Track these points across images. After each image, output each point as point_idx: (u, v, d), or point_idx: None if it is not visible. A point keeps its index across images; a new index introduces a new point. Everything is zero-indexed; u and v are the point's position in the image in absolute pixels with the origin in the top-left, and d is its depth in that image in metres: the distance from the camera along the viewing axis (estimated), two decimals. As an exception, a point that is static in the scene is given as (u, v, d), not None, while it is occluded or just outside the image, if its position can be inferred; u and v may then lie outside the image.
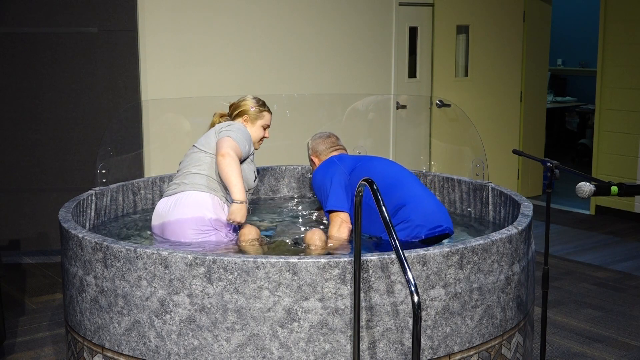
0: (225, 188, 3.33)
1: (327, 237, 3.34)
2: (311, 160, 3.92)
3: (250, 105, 3.62)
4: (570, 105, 10.09)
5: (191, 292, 2.64)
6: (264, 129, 3.64)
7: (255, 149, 3.64)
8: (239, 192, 3.25)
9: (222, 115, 3.68)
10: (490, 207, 3.84)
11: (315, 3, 6.33)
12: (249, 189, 3.49)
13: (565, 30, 10.47)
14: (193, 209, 3.27)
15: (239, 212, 3.25)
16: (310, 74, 6.38)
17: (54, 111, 5.51)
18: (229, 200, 3.33)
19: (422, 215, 3.30)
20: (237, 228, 3.38)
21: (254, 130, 3.60)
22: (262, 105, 3.64)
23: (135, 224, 3.75)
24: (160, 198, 3.51)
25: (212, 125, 3.64)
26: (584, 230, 6.48)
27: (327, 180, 3.54)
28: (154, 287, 2.69)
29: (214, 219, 3.29)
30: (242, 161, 3.41)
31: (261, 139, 3.66)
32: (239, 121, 3.60)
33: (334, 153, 3.80)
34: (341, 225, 3.38)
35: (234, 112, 3.64)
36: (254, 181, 3.53)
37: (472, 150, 4.13)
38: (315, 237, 3.26)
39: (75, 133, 5.55)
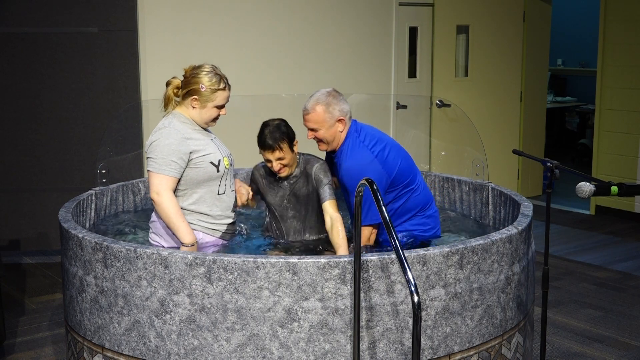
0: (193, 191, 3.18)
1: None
2: (338, 122, 3.29)
3: (201, 84, 3.12)
4: (570, 105, 10.09)
5: (191, 292, 2.64)
6: (219, 109, 3.18)
7: (211, 126, 3.26)
8: (184, 235, 3.06)
9: (177, 87, 3.21)
10: (490, 207, 3.84)
11: (315, 3, 6.33)
12: (218, 178, 3.17)
13: (565, 30, 10.47)
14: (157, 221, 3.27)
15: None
16: (310, 74, 6.38)
17: (54, 111, 5.51)
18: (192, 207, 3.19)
19: (435, 219, 3.49)
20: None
21: (204, 112, 3.15)
22: (216, 83, 3.13)
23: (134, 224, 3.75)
24: None
25: (167, 99, 3.21)
26: (584, 230, 6.48)
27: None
28: (154, 287, 2.69)
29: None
30: (184, 171, 3.11)
31: (215, 118, 3.21)
32: (187, 102, 3.15)
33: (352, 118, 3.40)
34: (372, 234, 3.31)
35: (185, 87, 3.15)
36: (218, 171, 3.15)
37: (472, 150, 4.13)
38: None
39: (75, 133, 5.55)
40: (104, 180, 3.82)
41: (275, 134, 3.32)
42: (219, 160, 3.16)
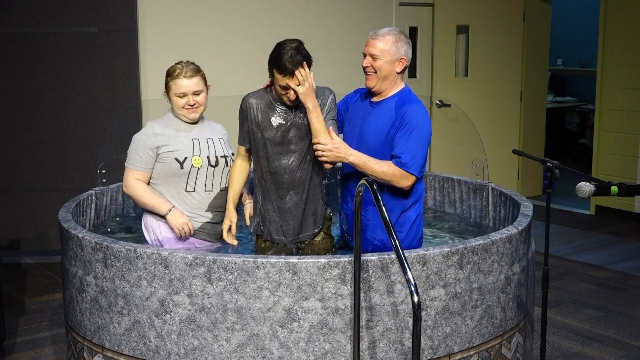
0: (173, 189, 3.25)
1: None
2: (399, 61, 3.18)
3: (166, 80, 3.27)
4: (570, 105, 10.09)
5: (191, 292, 2.64)
6: (181, 97, 3.19)
7: (192, 118, 3.26)
8: (160, 208, 3.20)
9: None
10: (490, 207, 3.84)
11: (315, 3, 6.33)
12: (184, 175, 3.19)
13: (565, 30, 10.47)
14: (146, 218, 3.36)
15: (175, 219, 3.18)
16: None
17: (54, 111, 5.51)
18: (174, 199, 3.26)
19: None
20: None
21: (173, 103, 3.24)
22: (172, 73, 3.21)
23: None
24: None
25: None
26: (584, 230, 6.48)
27: (428, 139, 3.11)
28: (154, 287, 2.69)
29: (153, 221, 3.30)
30: (155, 164, 3.21)
31: (185, 107, 3.21)
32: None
33: None
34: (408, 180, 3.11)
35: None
36: (181, 168, 3.18)
37: (472, 150, 4.13)
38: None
39: (75, 133, 5.55)
40: (104, 180, 3.82)
41: (297, 57, 3.03)
42: (185, 158, 3.19)
